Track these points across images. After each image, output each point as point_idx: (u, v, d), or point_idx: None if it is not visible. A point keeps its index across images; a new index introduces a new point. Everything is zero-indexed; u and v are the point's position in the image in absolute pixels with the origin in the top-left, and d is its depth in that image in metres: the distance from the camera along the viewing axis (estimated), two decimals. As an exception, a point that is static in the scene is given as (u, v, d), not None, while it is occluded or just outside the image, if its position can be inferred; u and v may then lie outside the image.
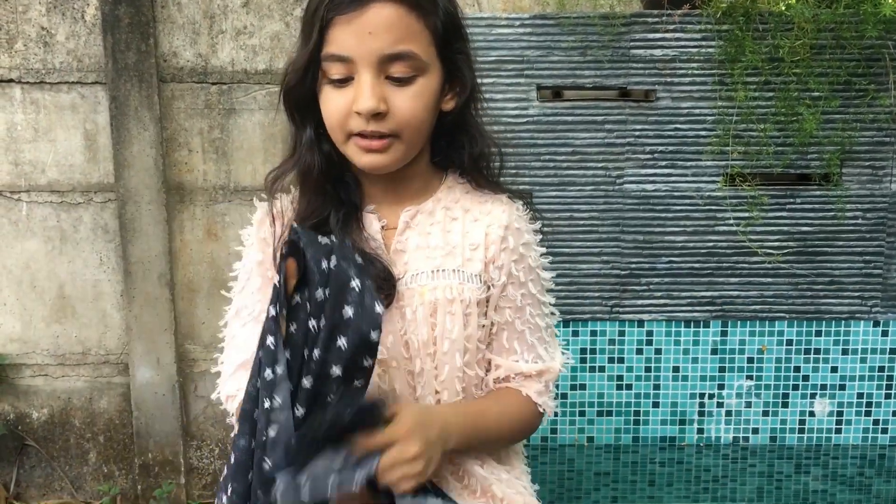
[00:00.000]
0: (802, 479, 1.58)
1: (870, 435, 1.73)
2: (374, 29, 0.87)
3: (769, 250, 1.67)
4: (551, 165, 1.66)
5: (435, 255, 0.98)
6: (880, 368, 1.71)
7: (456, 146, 1.02)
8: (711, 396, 1.72)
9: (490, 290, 0.99)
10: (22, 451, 2.09)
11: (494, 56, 1.62)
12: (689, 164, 1.65)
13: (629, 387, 1.72)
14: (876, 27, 1.50)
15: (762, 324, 1.70)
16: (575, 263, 1.69)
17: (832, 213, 1.66)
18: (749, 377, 1.71)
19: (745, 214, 1.66)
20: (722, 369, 1.71)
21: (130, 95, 1.88)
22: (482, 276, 0.98)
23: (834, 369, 1.71)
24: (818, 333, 1.70)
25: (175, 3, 1.89)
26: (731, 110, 1.62)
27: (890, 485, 1.56)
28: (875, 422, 1.73)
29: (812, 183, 1.66)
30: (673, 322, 1.70)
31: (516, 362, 1.02)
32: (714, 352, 1.71)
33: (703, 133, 1.64)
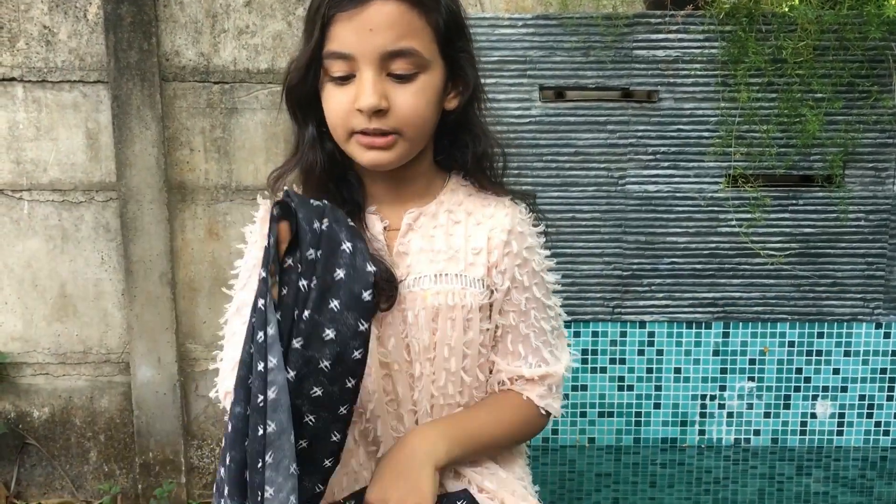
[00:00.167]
0: (804, 480, 1.58)
1: (871, 437, 1.73)
2: (375, 26, 0.87)
3: (771, 252, 1.67)
4: (553, 166, 1.66)
5: (438, 258, 0.97)
6: (882, 370, 1.70)
7: (459, 145, 1.01)
8: (713, 398, 1.72)
9: (493, 295, 0.99)
10: (23, 449, 2.09)
11: (497, 56, 1.62)
12: (691, 165, 1.65)
13: (630, 388, 1.72)
14: (879, 28, 1.49)
15: (764, 325, 1.70)
16: (577, 264, 1.68)
17: (835, 215, 1.66)
18: (751, 379, 1.71)
19: (748, 216, 1.66)
20: (723, 371, 1.71)
21: (132, 94, 1.88)
22: (485, 280, 0.98)
23: (836, 371, 1.71)
24: (820, 335, 1.70)
25: (177, 2, 1.89)
26: (733, 111, 1.61)
27: (892, 487, 1.56)
28: (877, 424, 1.72)
29: (815, 184, 1.65)
30: (675, 323, 1.70)
31: (519, 367, 1.02)
32: (716, 353, 1.71)
33: (705, 134, 1.64)
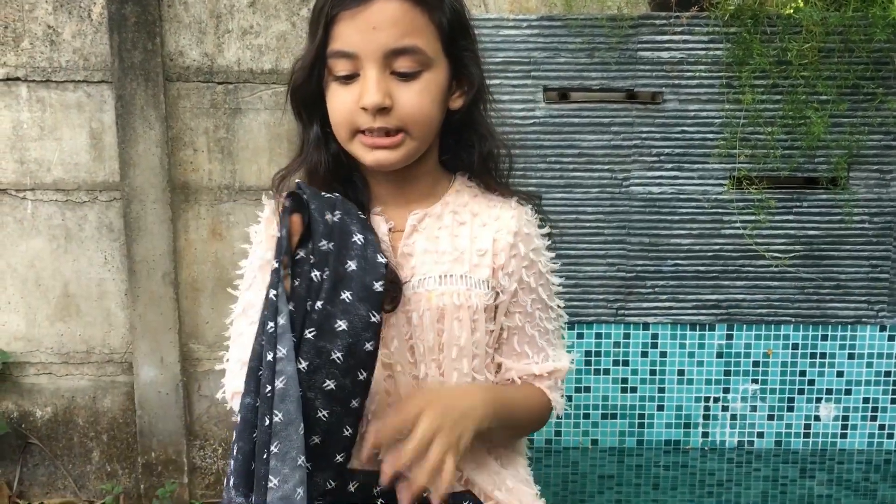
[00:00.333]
0: (807, 483, 1.58)
1: (875, 440, 1.72)
2: (378, 24, 0.87)
3: (775, 254, 1.67)
4: (557, 167, 1.65)
5: (443, 259, 0.97)
6: (886, 373, 1.70)
7: (464, 146, 1.01)
8: (716, 400, 1.72)
9: (499, 297, 0.99)
10: (25, 449, 2.09)
11: (501, 57, 1.62)
12: (695, 166, 1.65)
13: (634, 390, 1.72)
14: (885, 30, 1.49)
15: (768, 327, 1.69)
16: (580, 266, 1.68)
17: (839, 217, 1.65)
18: (754, 381, 1.71)
19: (752, 218, 1.65)
20: (727, 373, 1.71)
21: (136, 94, 1.88)
22: (490, 282, 0.98)
23: (840, 374, 1.70)
24: (824, 338, 1.69)
25: (181, 2, 1.89)
26: (738, 113, 1.61)
27: (895, 490, 1.55)
28: (881, 427, 1.72)
29: (819, 186, 1.65)
30: (678, 325, 1.70)
31: (528, 365, 1.02)
32: (719, 355, 1.70)
33: (709, 136, 1.63)
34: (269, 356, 0.79)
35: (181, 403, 2.03)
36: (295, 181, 0.89)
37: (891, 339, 1.69)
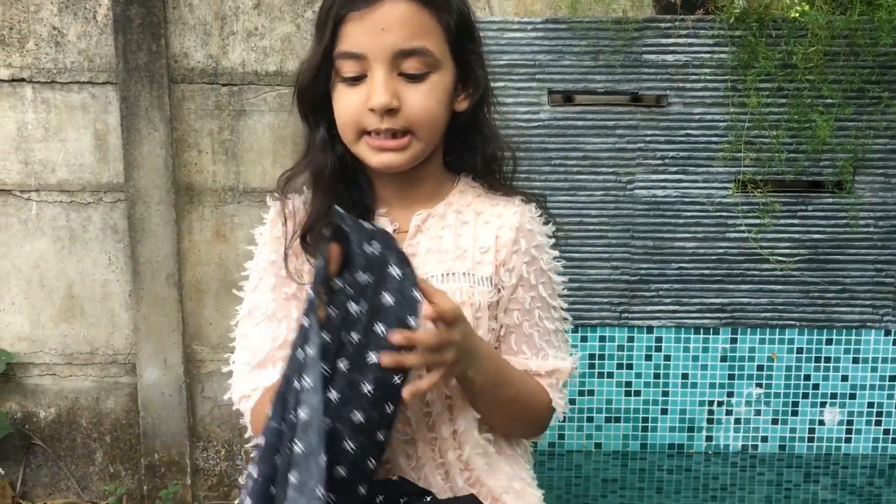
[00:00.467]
0: (811, 488, 1.57)
1: (880, 444, 1.72)
2: (387, 25, 0.87)
3: (780, 258, 1.66)
4: (561, 170, 1.65)
5: (446, 258, 0.97)
6: (891, 378, 1.69)
7: (469, 147, 1.01)
8: (720, 404, 1.71)
9: (501, 293, 0.98)
10: (28, 450, 2.09)
11: (506, 60, 1.62)
12: (700, 170, 1.65)
13: (637, 393, 1.71)
14: (890, 34, 1.49)
15: (772, 331, 1.69)
16: (584, 269, 1.68)
17: (844, 221, 1.65)
18: (758, 385, 1.70)
19: (757, 221, 1.65)
20: (731, 377, 1.70)
21: (141, 96, 1.89)
22: (493, 279, 0.98)
23: (844, 378, 1.70)
24: (829, 342, 1.69)
25: (186, 4, 1.89)
26: (743, 116, 1.61)
27: (900, 495, 1.55)
28: (885, 431, 1.72)
29: (824, 190, 1.65)
30: (682, 329, 1.69)
31: (525, 360, 1.01)
32: (723, 359, 1.70)
33: (714, 139, 1.63)
34: (296, 384, 0.79)
35: (184, 405, 2.03)
36: (335, 207, 0.88)
37: (895, 343, 1.68)
